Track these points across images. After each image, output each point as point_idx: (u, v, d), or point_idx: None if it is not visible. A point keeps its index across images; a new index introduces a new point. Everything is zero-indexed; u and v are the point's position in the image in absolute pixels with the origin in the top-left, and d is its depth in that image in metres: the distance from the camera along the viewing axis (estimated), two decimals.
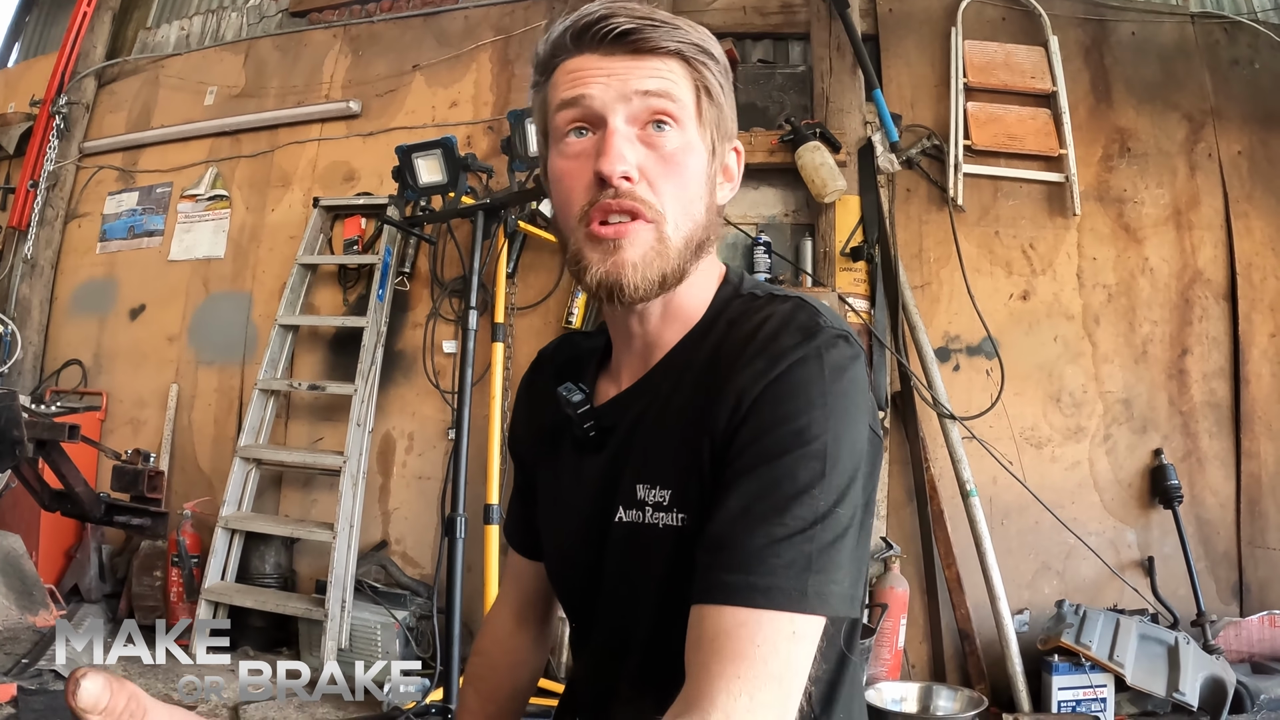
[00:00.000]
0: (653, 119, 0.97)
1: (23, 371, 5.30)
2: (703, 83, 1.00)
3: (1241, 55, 4.33)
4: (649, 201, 0.97)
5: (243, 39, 5.54)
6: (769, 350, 0.94)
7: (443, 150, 3.78)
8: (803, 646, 0.86)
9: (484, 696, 1.36)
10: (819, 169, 3.87)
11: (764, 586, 0.86)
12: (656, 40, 0.97)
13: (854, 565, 0.91)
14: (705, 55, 1.00)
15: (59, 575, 4.68)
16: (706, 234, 1.03)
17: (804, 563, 0.87)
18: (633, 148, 0.97)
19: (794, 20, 4.43)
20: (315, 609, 4.04)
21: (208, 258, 5.18)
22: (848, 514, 0.90)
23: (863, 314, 4.01)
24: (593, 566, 1.09)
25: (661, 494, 0.99)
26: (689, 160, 0.99)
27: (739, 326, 0.99)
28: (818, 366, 0.92)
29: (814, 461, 0.89)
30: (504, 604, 1.38)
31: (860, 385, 0.95)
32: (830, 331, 0.95)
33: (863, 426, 0.94)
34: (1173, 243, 4.17)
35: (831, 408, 0.91)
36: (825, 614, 0.88)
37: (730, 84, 1.05)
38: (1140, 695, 3.39)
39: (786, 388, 0.92)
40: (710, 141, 1.02)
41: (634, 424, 1.05)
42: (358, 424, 4.29)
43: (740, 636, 0.85)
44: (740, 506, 0.90)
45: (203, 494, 4.65)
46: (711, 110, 1.01)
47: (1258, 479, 3.97)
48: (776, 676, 0.84)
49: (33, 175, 5.54)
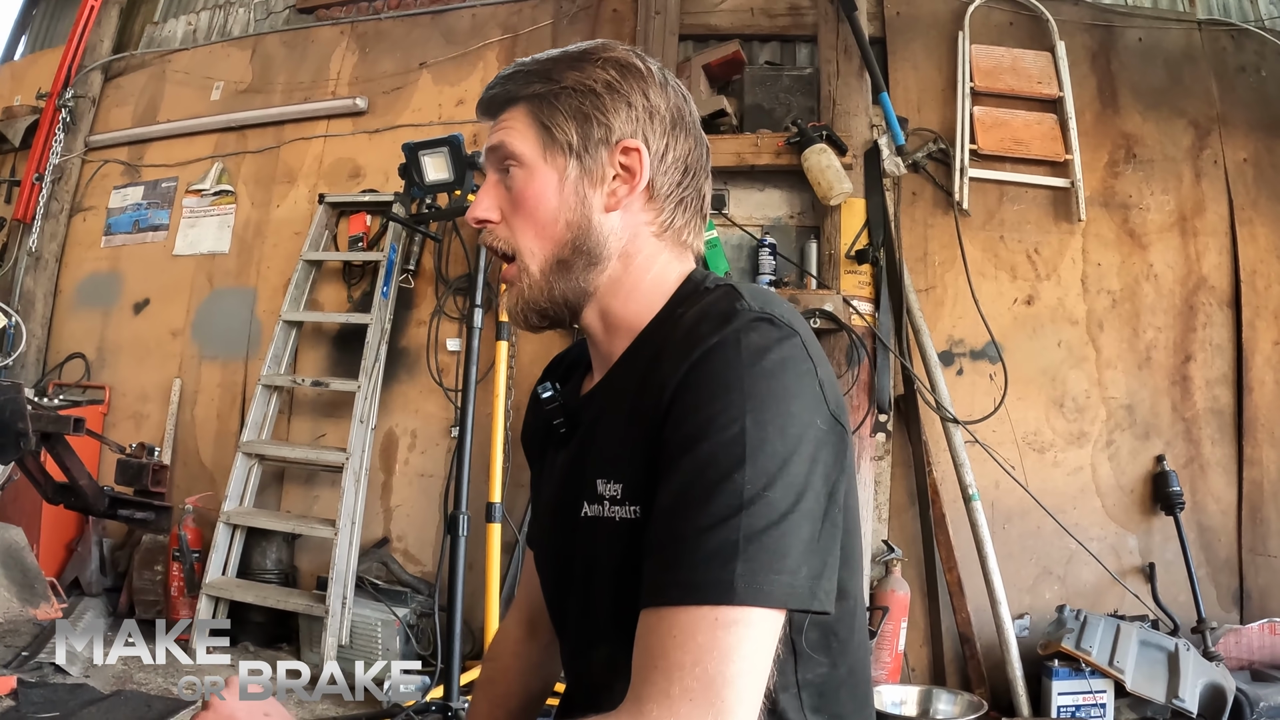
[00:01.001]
0: (500, 168, 1.10)
1: (26, 365, 5.30)
2: (543, 118, 1.07)
3: (1248, 62, 4.34)
4: (504, 239, 1.10)
5: (250, 35, 5.55)
6: (688, 339, 0.95)
7: (449, 148, 3.78)
8: (738, 638, 0.83)
9: (494, 702, 1.36)
10: (825, 171, 3.88)
11: (686, 581, 0.85)
12: (500, 99, 1.11)
13: (811, 556, 0.88)
14: (547, 84, 1.08)
15: (60, 568, 4.68)
16: (577, 248, 1.08)
17: (729, 551, 0.84)
18: (495, 194, 1.11)
19: (801, 22, 4.43)
20: (316, 605, 4.04)
21: (212, 253, 5.19)
22: (785, 499, 0.87)
23: (867, 317, 4.01)
24: (564, 560, 1.12)
25: (615, 487, 1.00)
26: (529, 192, 1.07)
27: (678, 320, 1.02)
28: (734, 351, 0.91)
29: (732, 447, 0.87)
30: (517, 609, 1.40)
31: (792, 367, 0.92)
32: (747, 315, 0.94)
33: (799, 409, 0.91)
34: (1177, 249, 4.18)
35: (750, 391, 0.89)
36: (764, 605, 0.84)
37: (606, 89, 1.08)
38: (1140, 701, 3.38)
39: (701, 375, 0.91)
40: (564, 160, 1.07)
41: (595, 419, 1.09)
42: (361, 421, 4.30)
43: (664, 634, 0.84)
44: (668, 503, 0.90)
45: (204, 489, 4.66)
46: (559, 137, 1.07)
47: (1260, 486, 3.97)
48: (705, 670, 0.81)
49: (38, 168, 5.54)
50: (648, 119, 1.09)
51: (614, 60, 1.09)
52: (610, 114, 1.08)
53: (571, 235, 1.07)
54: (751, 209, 4.26)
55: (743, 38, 4.43)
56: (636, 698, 0.84)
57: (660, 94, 1.11)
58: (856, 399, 3.90)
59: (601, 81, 1.08)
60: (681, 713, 0.81)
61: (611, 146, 1.08)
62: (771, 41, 4.57)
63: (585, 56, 1.09)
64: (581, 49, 1.11)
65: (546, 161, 1.08)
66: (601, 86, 1.08)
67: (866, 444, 3.90)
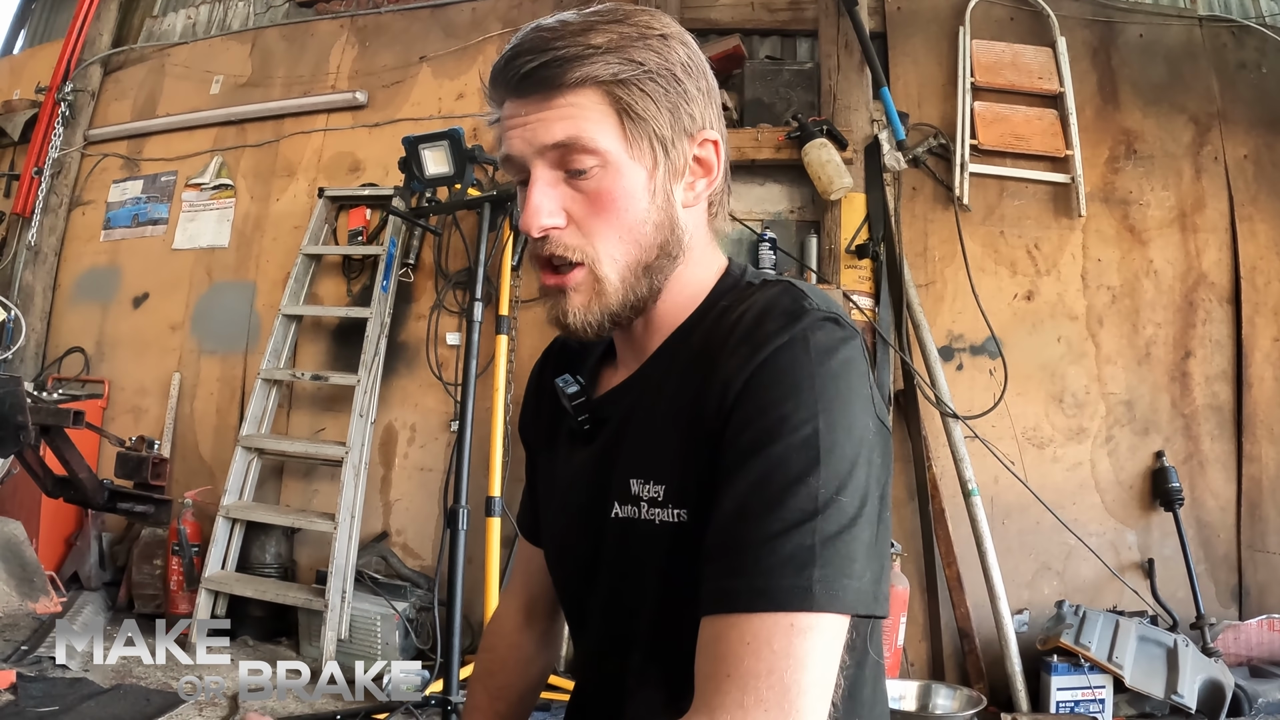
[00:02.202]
0: (571, 168, 0.96)
1: (25, 359, 5.30)
2: (624, 104, 0.96)
3: (1249, 59, 4.34)
4: (576, 246, 0.97)
5: (249, 28, 5.54)
6: (753, 337, 0.91)
7: (449, 142, 3.77)
8: (812, 644, 0.81)
9: (492, 694, 1.34)
10: (825, 166, 3.87)
11: (761, 588, 0.82)
12: (561, 77, 0.94)
13: (873, 560, 0.86)
14: (629, 67, 0.95)
15: (59, 562, 4.69)
16: (663, 249, 1.00)
17: (805, 557, 0.82)
18: (556, 194, 0.97)
19: (802, 17, 4.42)
20: (315, 599, 4.04)
21: (212, 247, 5.18)
22: (854, 503, 0.85)
23: (867, 312, 4.01)
24: (589, 561, 1.07)
25: (656, 489, 0.97)
26: (616, 193, 0.97)
27: (727, 315, 0.97)
28: (803, 350, 0.88)
29: (806, 449, 0.84)
30: (512, 597, 1.37)
31: (855, 368, 0.90)
32: (815, 314, 0.91)
33: (859, 411, 0.89)
34: (1177, 245, 4.18)
35: (820, 391, 0.86)
36: (838, 611, 0.82)
37: (683, 76, 0.99)
38: (1138, 697, 3.39)
39: (770, 374, 0.88)
40: (650, 156, 0.98)
41: (626, 417, 1.04)
42: (360, 415, 4.30)
43: (735, 641, 0.82)
44: (733, 506, 0.87)
45: (204, 483, 4.66)
46: (642, 126, 0.97)
47: (1258, 483, 3.98)
48: (780, 679, 0.79)
49: (37, 162, 5.54)
50: (711, 102, 1.03)
51: (678, 36, 1.00)
52: (691, 101, 1.00)
53: (659, 238, 1.00)
54: (752, 203, 4.26)
55: (743, 32, 4.43)
56: (708, 707, 0.81)
57: (709, 67, 1.04)
58: None
59: (679, 63, 0.99)
60: (744, 712, 0.79)
61: (692, 137, 1.01)
62: (772, 36, 4.56)
63: (648, 30, 0.98)
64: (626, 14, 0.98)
65: (631, 157, 0.97)
66: (680, 69, 0.99)
67: None
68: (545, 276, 1.00)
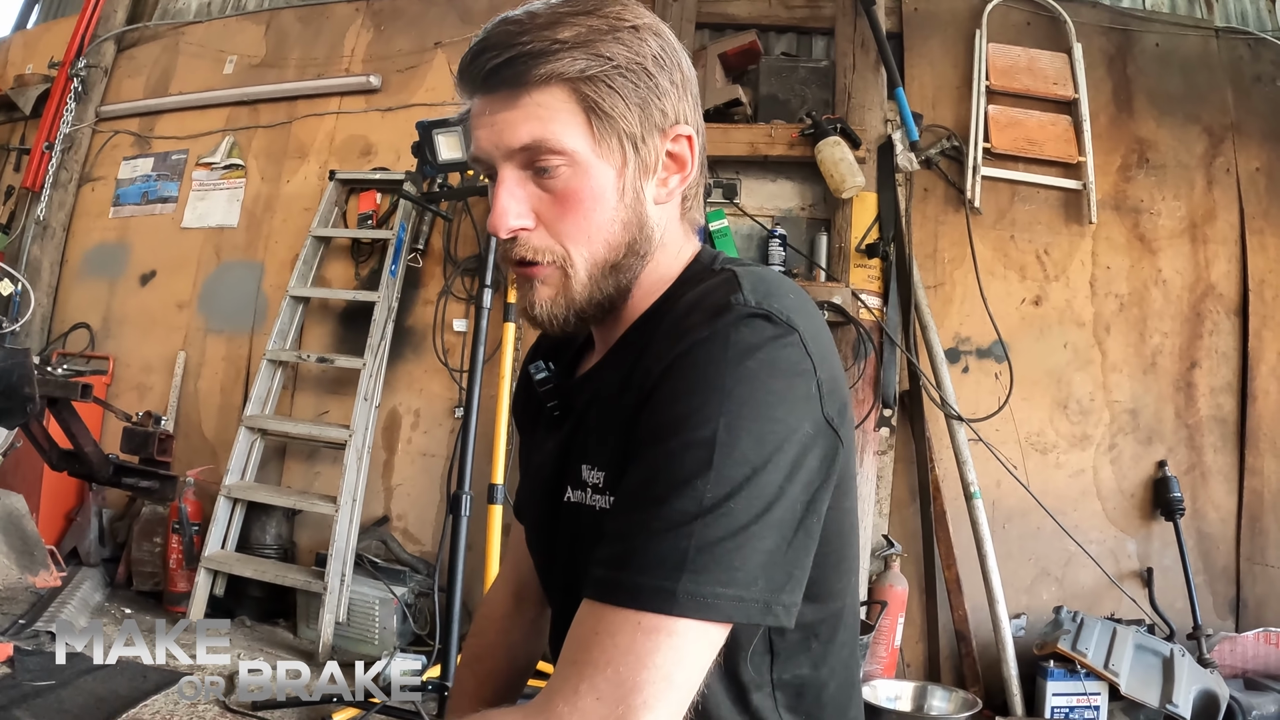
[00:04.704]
0: (536, 166, 0.94)
1: (31, 333, 5.29)
2: (590, 102, 0.93)
3: (1264, 72, 4.33)
4: (543, 248, 0.96)
5: (265, 9, 5.53)
6: (677, 328, 0.90)
7: (463, 127, 3.77)
8: (658, 646, 0.79)
9: (480, 680, 1.34)
10: (838, 164, 3.87)
11: (624, 582, 0.81)
12: (526, 75, 0.91)
13: (772, 568, 0.83)
14: (596, 62, 0.92)
15: (59, 537, 4.69)
16: (630, 248, 0.99)
17: (676, 560, 0.79)
18: (524, 195, 0.96)
19: (819, 15, 4.42)
20: (314, 581, 4.04)
21: (221, 226, 5.18)
22: (748, 511, 0.81)
23: (875, 311, 4.01)
24: (550, 543, 1.10)
25: (598, 475, 0.97)
26: (584, 193, 0.95)
27: (678, 304, 0.96)
28: (720, 347, 0.85)
29: (700, 450, 0.81)
30: (503, 582, 1.37)
31: (779, 368, 0.85)
32: (741, 310, 0.87)
33: (784, 414, 0.84)
34: (1187, 255, 4.17)
35: (729, 391, 0.83)
36: (706, 619, 0.80)
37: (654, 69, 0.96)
38: (1133, 705, 3.38)
39: (683, 369, 0.86)
40: (620, 153, 0.96)
41: (588, 404, 1.04)
42: (365, 398, 4.30)
43: (589, 630, 0.81)
44: (624, 497, 0.87)
45: (206, 462, 4.66)
46: (610, 124, 0.94)
47: (1260, 496, 3.97)
48: (617, 673, 0.78)
49: (48, 137, 5.53)
50: (686, 94, 1.00)
51: (650, 27, 0.97)
52: (663, 96, 0.97)
53: (628, 236, 0.98)
54: (763, 199, 4.26)
55: (760, 28, 4.42)
56: (549, 688, 0.81)
57: (685, 58, 1.01)
58: (862, 393, 3.91)
59: (651, 56, 0.96)
60: (588, 711, 0.78)
61: (665, 132, 0.99)
62: (788, 33, 4.56)
63: (618, 22, 0.95)
64: (596, 5, 0.95)
65: (599, 155, 0.95)
66: (651, 63, 0.96)
67: (870, 438, 3.91)
68: (514, 268, 0.99)
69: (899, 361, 4.02)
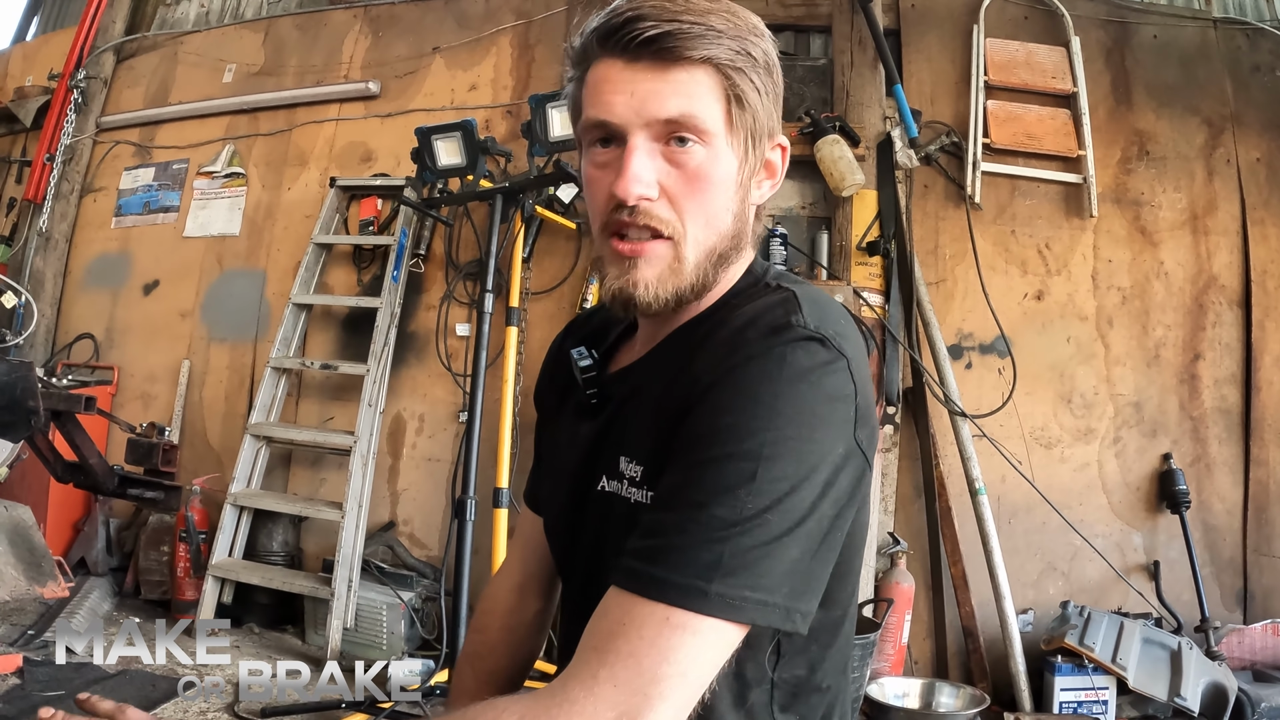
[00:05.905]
0: (675, 137, 0.95)
1: (35, 345, 5.31)
2: (735, 91, 0.95)
3: (1263, 62, 4.32)
4: (667, 220, 0.96)
5: (263, 17, 5.55)
6: (734, 342, 0.92)
7: (462, 133, 3.78)
8: (683, 642, 0.82)
9: (481, 678, 1.34)
10: (837, 162, 3.87)
11: (657, 577, 0.83)
12: (684, 50, 0.92)
13: (796, 577, 0.86)
14: (742, 56, 0.95)
15: (66, 548, 4.71)
16: (734, 241, 1.01)
17: (711, 562, 0.82)
18: (653, 164, 0.95)
19: (816, 13, 4.42)
20: (321, 588, 4.05)
21: (223, 235, 5.19)
22: (782, 524, 0.84)
23: (877, 309, 4.01)
24: (574, 529, 1.11)
25: (636, 469, 0.99)
26: (714, 175, 0.96)
27: (730, 314, 0.98)
28: (776, 367, 0.88)
29: (745, 462, 0.84)
30: (506, 576, 1.37)
31: (828, 393, 0.89)
32: (799, 332, 0.90)
33: (825, 438, 0.88)
34: (1188, 247, 4.17)
35: (780, 410, 0.86)
36: (732, 620, 0.83)
37: (775, 77, 1.00)
38: (1141, 699, 3.39)
39: (736, 383, 0.88)
40: (743, 147, 0.98)
41: (629, 396, 1.06)
42: (369, 404, 4.31)
43: (617, 619, 0.84)
44: (665, 494, 0.89)
45: (212, 470, 4.67)
46: (744, 116, 0.97)
47: (1266, 487, 3.97)
48: (639, 664, 0.81)
49: (49, 149, 5.55)
50: (780, 106, 1.03)
51: (771, 38, 1.00)
52: (777, 104, 1.01)
53: (735, 229, 1.01)
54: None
55: None
56: (568, 672, 0.83)
57: None
58: None
59: (774, 65, 0.99)
60: (604, 698, 0.80)
61: (771, 137, 1.02)
62: (786, 31, 4.54)
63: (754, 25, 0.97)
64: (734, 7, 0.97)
65: (729, 144, 0.97)
66: (775, 68, 0.99)
67: None
68: (617, 243, 0.98)
69: (902, 358, 4.01)
